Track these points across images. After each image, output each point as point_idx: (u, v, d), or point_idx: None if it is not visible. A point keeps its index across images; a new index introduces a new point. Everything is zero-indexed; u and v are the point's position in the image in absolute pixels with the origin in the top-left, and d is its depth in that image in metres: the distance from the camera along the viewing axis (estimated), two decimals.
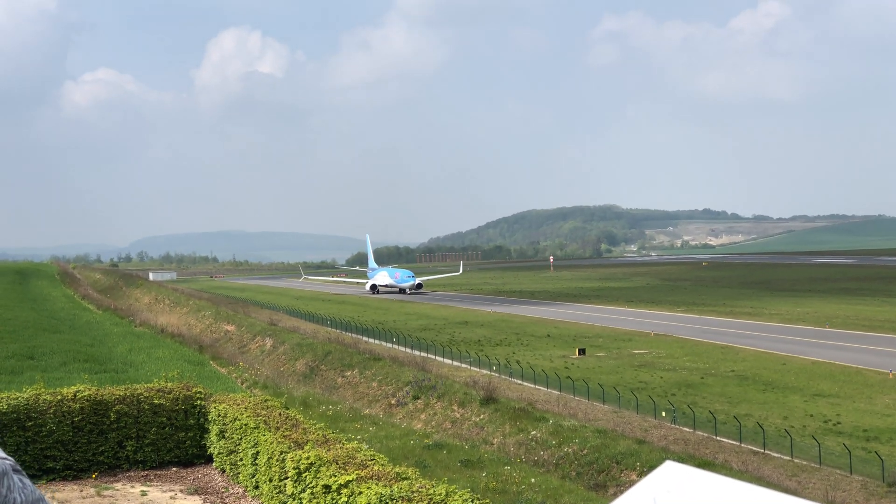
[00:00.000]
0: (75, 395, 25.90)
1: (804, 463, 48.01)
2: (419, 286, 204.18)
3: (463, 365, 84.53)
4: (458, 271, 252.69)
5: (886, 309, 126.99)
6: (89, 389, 26.55)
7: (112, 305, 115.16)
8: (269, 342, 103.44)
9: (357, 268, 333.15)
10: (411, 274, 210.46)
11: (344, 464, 17.99)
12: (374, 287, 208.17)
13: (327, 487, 17.42)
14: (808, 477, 45.59)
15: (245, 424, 23.70)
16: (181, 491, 24.40)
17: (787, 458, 48.98)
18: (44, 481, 24.84)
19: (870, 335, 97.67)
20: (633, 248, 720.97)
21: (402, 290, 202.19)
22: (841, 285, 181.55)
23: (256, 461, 22.54)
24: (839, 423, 57.24)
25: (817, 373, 74.72)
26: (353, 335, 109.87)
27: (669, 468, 3.36)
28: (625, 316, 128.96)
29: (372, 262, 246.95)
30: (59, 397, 25.68)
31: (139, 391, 27.01)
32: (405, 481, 16.21)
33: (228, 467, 25.17)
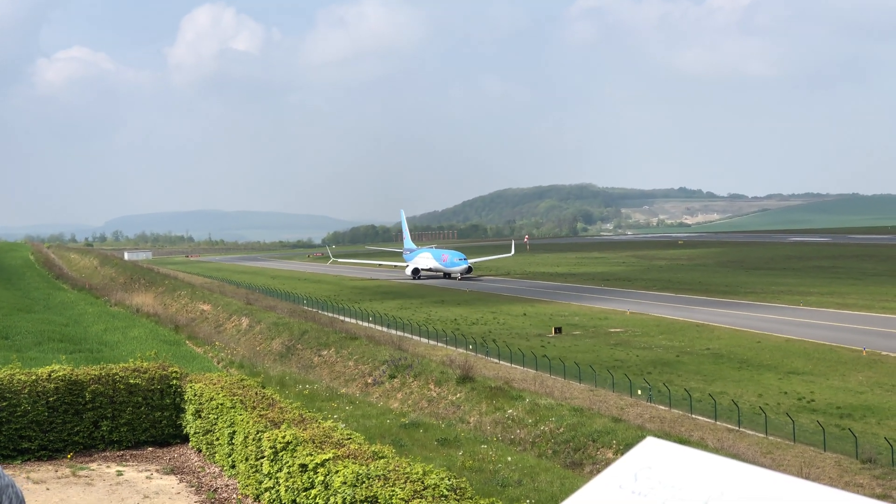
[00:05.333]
0: (50, 375, 25.73)
1: (778, 440, 48.41)
2: (469, 270, 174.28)
3: (439, 344, 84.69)
4: (510, 252, 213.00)
5: (860, 286, 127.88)
6: (64, 369, 26.38)
7: (87, 285, 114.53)
8: (245, 321, 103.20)
9: (334, 246, 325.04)
10: (463, 256, 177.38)
11: (320, 443, 17.96)
12: (416, 271, 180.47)
13: (304, 466, 17.40)
14: (783, 454, 45.95)
15: (221, 404, 23.62)
16: (157, 471, 24.32)
17: (762, 435, 49.37)
18: (18, 461, 24.72)
19: (843, 313, 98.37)
20: (610, 226, 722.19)
21: (447, 275, 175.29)
22: (815, 263, 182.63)
23: (233, 441, 22.48)
24: (813, 400, 57.69)
25: (791, 350, 75.23)
26: (330, 314, 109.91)
27: (651, 444, 3.33)
28: (603, 295, 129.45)
29: (409, 242, 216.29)
30: (33, 377, 25.50)
31: (114, 371, 26.86)
32: (382, 460, 16.20)
33: (205, 447, 25.10)
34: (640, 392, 59.70)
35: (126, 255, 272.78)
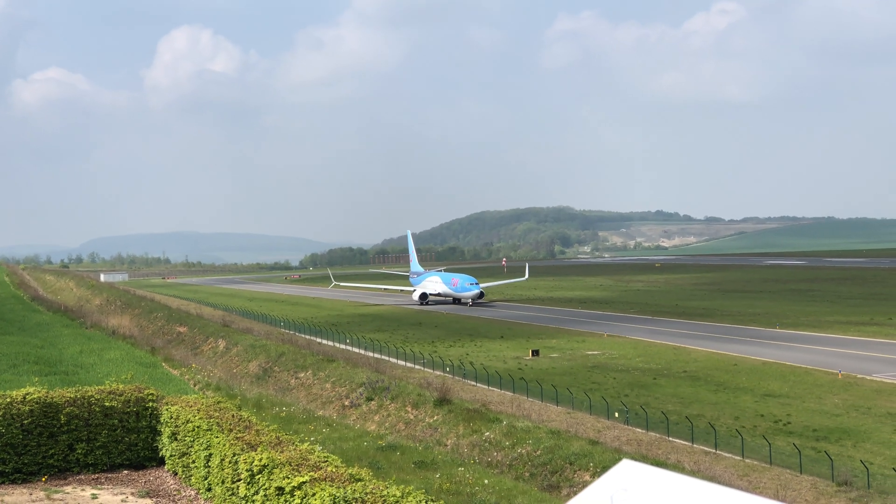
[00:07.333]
0: (24, 398, 25.61)
1: (755, 463, 48.48)
2: (481, 295, 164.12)
3: (416, 366, 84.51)
4: (524, 276, 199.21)
5: (836, 309, 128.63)
6: (39, 392, 26.26)
7: (63, 307, 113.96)
8: (221, 343, 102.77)
9: (311, 269, 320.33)
10: (474, 281, 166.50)
11: (297, 466, 17.92)
12: (423, 296, 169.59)
13: (280, 489, 17.35)
14: (759, 476, 46.03)
15: (198, 426, 23.54)
16: (132, 494, 24.18)
17: (739, 458, 49.44)
18: None
19: (819, 336, 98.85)
20: (587, 249, 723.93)
21: (456, 301, 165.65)
22: (791, 286, 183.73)
23: (209, 463, 22.39)
24: (789, 423, 57.85)
25: (768, 373, 75.49)
26: (308, 336, 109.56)
27: (626, 466, 3.37)
28: (580, 318, 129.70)
29: (416, 265, 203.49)
30: (7, 400, 25.37)
31: (90, 393, 26.75)
32: (359, 483, 16.19)
33: (181, 470, 24.99)
34: (616, 415, 59.74)
35: (102, 277, 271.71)
